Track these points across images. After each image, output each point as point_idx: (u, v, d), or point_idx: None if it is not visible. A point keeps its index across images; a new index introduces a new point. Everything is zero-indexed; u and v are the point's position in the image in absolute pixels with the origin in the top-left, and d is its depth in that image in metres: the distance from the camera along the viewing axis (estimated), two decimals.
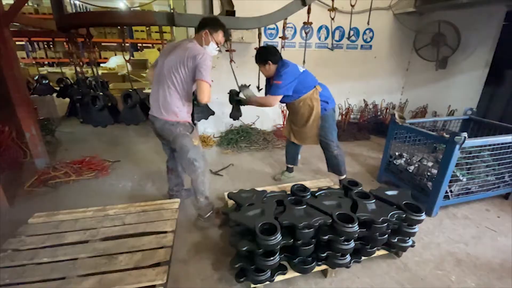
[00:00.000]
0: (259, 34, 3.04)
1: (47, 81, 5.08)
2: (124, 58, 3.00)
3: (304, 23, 2.98)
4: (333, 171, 3.04)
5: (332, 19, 3.22)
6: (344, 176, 3.02)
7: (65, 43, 3.92)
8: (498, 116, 4.11)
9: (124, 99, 3.07)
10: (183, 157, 2.29)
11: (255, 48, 2.96)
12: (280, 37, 3.18)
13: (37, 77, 5.12)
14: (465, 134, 2.30)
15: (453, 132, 2.38)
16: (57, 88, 4.96)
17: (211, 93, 2.08)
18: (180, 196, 2.74)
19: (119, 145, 4.42)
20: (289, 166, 3.35)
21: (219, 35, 2.22)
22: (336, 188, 2.35)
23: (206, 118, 3.26)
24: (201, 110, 3.11)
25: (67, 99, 4.53)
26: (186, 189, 2.86)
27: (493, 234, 2.46)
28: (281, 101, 2.74)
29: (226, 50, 3.26)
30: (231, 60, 3.17)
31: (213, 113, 3.33)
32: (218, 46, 2.27)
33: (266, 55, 2.60)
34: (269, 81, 2.81)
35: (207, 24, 2.18)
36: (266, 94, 2.91)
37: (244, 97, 2.77)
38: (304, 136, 2.90)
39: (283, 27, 2.99)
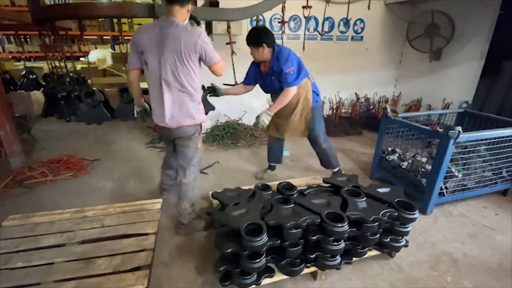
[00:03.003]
0: (257, 21, 3.07)
1: (34, 76, 4.96)
2: (121, 50, 2.96)
3: (303, 7, 3.02)
4: (326, 166, 2.98)
5: (327, 2, 3.17)
6: (337, 169, 2.97)
7: (42, 37, 3.77)
8: (496, 109, 4.00)
9: (121, 94, 3.00)
10: (186, 159, 2.16)
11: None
12: (279, 22, 3.20)
13: (24, 72, 5.00)
14: (459, 128, 2.25)
15: (447, 126, 2.34)
16: (44, 84, 4.87)
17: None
18: (171, 191, 2.62)
19: (100, 143, 4.28)
20: (271, 164, 3.24)
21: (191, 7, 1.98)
22: (326, 185, 2.29)
23: (206, 114, 3.09)
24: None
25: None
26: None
27: (490, 233, 2.42)
28: (273, 92, 2.63)
29: (227, 43, 3.20)
30: (233, 52, 3.20)
31: (213, 108, 3.25)
32: None
33: (261, 36, 2.39)
34: (256, 67, 2.65)
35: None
36: (246, 82, 2.80)
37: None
38: (291, 127, 2.76)
39: (282, 10, 2.98)
